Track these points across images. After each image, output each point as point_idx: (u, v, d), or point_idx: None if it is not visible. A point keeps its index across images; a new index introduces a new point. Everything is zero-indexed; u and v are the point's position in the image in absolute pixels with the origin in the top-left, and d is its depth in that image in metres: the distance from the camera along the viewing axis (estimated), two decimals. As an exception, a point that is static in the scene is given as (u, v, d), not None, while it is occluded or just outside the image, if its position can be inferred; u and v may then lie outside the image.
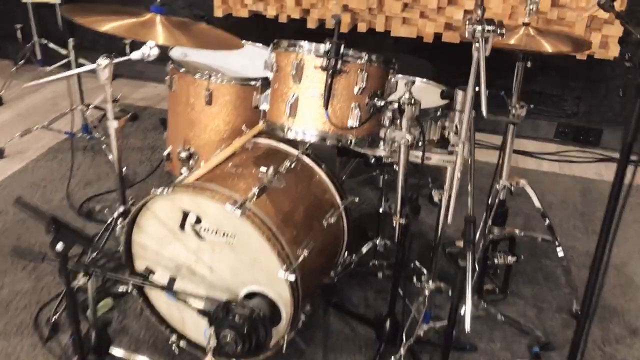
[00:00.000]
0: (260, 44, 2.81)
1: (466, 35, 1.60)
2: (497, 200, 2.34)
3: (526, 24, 2.13)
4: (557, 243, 2.45)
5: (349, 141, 1.85)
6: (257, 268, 1.89)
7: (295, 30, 3.97)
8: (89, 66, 2.16)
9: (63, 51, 3.80)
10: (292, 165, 2.11)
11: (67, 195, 3.04)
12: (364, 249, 2.51)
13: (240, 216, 1.79)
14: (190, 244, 1.97)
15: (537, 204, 2.39)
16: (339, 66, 1.77)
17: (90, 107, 3.44)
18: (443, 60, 3.22)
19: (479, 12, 1.59)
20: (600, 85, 3.81)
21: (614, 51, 3.41)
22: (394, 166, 1.97)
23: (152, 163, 3.41)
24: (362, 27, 3.75)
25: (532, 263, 2.73)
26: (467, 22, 1.60)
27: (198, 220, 1.93)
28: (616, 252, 2.36)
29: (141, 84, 4.52)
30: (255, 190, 1.90)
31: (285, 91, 1.86)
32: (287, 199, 2.01)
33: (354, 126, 1.83)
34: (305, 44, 1.82)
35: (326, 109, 1.78)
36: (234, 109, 2.44)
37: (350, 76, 1.81)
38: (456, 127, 1.84)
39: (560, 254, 2.45)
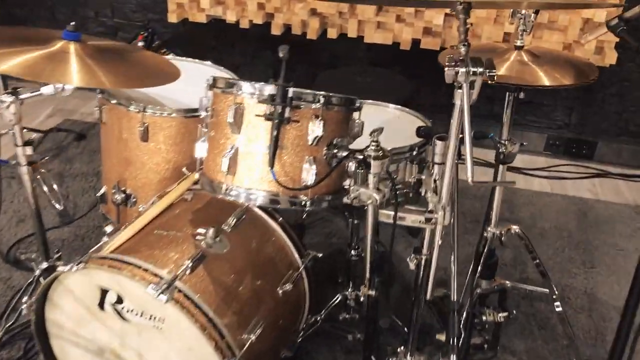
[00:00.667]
0: (210, 63, 2.43)
1: (446, 79, 1.24)
2: (485, 250, 2.00)
3: (519, 48, 1.76)
4: (554, 297, 2.11)
5: (303, 203, 1.49)
6: (193, 357, 1.53)
7: (258, 37, 3.59)
8: (-12, 104, 1.77)
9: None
10: (240, 221, 1.75)
11: (-7, 238, 2.65)
12: (333, 302, 2.16)
13: (166, 302, 1.43)
14: (113, 325, 1.61)
15: (531, 255, 2.05)
16: (286, 114, 1.40)
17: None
18: (422, 70, 2.87)
19: (462, 49, 1.23)
20: (594, 94, 3.47)
21: (610, 58, 3.08)
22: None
23: (97, 193, 3.01)
24: (332, 33, 3.37)
25: (525, 307, 2.40)
26: (447, 61, 1.24)
27: (119, 300, 1.56)
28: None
29: (93, 95, 4.11)
30: (188, 263, 1.54)
31: (223, 142, 1.49)
32: (231, 269, 1.65)
33: (309, 184, 1.47)
34: (245, 85, 1.45)
35: (272, 167, 1.41)
36: (175, 145, 2.07)
37: (303, 124, 1.44)
38: (435, 183, 1.48)
39: (559, 309, 2.12)
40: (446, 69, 1.22)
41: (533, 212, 3.09)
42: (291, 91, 1.41)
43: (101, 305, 1.59)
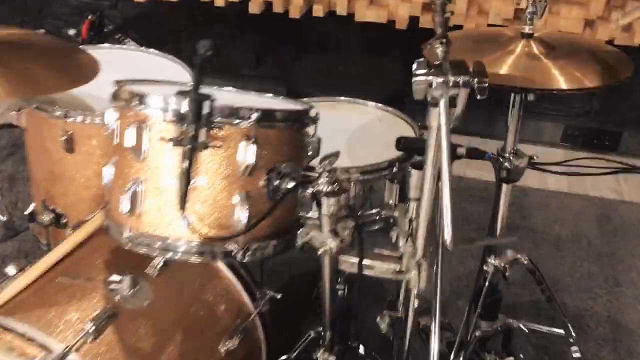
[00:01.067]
0: (154, 50, 2.03)
1: (414, 96, 0.84)
2: (486, 286, 1.61)
3: (527, 36, 1.35)
4: (571, 340, 1.73)
5: (232, 254, 1.11)
6: None
7: (236, 17, 3.18)
8: None
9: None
10: (169, 262, 1.38)
11: None
12: (303, 342, 1.80)
13: (51, 388, 1.07)
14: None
15: (545, 295, 1.66)
16: (202, 138, 1.01)
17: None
18: (421, 54, 2.46)
19: (439, 49, 0.83)
20: (619, 78, 3.03)
21: (640, 37, 2.64)
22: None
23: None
24: (318, 11, 2.96)
25: (535, 349, 2.01)
26: (417, 67, 0.84)
27: (6, 373, 1.21)
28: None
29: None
30: (89, 327, 1.17)
31: (126, 172, 1.12)
32: (152, 329, 1.28)
33: (240, 229, 1.09)
34: (152, 95, 1.06)
35: (183, 209, 1.03)
36: (108, 156, 1.69)
37: (229, 149, 1.06)
38: (410, 225, 1.09)
39: (577, 354, 1.73)
40: (414, 79, 0.82)
41: (547, 217, 2.69)
42: (209, 105, 1.01)
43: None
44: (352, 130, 1.67)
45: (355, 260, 1.17)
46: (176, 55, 2.02)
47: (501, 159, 1.44)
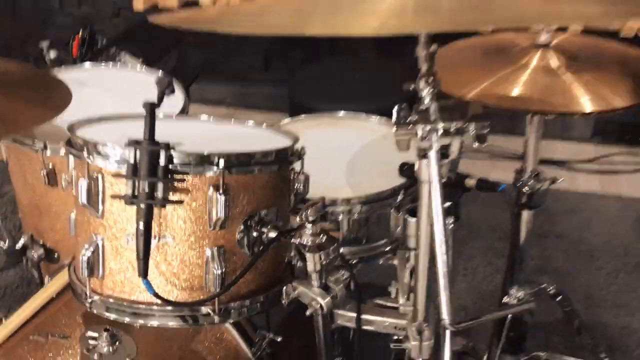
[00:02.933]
0: (146, 70, 1.90)
1: (397, 146, 0.69)
2: (508, 320, 1.45)
3: (543, 46, 1.17)
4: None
5: (208, 317, 0.97)
6: None
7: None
8: None
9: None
10: (154, 313, 1.26)
11: None
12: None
13: None
14: None
15: (576, 327, 1.49)
16: (159, 193, 0.87)
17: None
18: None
19: (424, 91, 0.67)
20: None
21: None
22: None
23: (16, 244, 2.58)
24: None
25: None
26: (396, 119, 0.69)
27: None
28: None
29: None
30: (60, 397, 1.06)
31: (85, 228, 0.99)
32: (132, 393, 1.16)
33: (215, 290, 0.95)
34: (106, 145, 0.92)
35: (144, 277, 0.90)
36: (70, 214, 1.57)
37: (196, 202, 0.92)
38: (411, 279, 0.94)
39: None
40: (395, 130, 0.67)
41: (579, 223, 2.49)
42: (166, 155, 0.87)
43: None
44: (353, 151, 1.52)
45: (353, 314, 1.03)
46: (182, 64, 1.90)
47: (521, 184, 1.26)
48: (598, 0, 0.60)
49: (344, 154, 1.51)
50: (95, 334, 1.17)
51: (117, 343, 1.18)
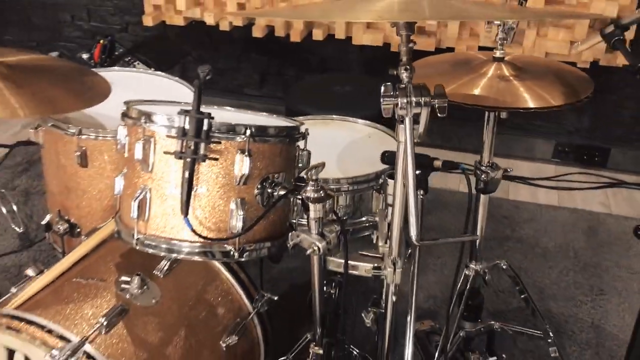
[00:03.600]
0: (163, 74, 2.19)
1: (383, 113, 0.98)
2: (466, 289, 1.74)
3: (498, 60, 1.49)
4: (549, 340, 1.84)
5: (229, 254, 1.25)
6: None
7: (241, 40, 3.35)
8: None
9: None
10: (175, 265, 1.52)
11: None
12: (299, 345, 1.92)
13: (68, 373, 1.21)
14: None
15: (523, 297, 1.78)
16: (201, 151, 1.15)
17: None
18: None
19: (404, 74, 0.97)
20: (607, 97, 3.16)
21: (623, 58, 2.77)
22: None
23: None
24: (318, 35, 3.11)
25: (519, 349, 2.12)
26: (384, 91, 0.98)
27: (28, 362, 1.34)
28: None
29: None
30: (102, 320, 1.31)
31: (135, 181, 1.26)
32: (159, 325, 1.41)
33: (236, 232, 1.22)
34: (156, 115, 1.20)
35: (186, 215, 1.17)
36: (118, 170, 1.83)
37: (226, 161, 1.20)
38: (389, 229, 1.23)
39: (554, 354, 1.84)
40: (382, 99, 0.96)
41: (537, 229, 2.80)
42: (209, 122, 1.16)
43: (9, 366, 1.38)
44: (343, 145, 1.81)
45: (341, 261, 1.30)
46: (183, 75, 2.18)
47: (478, 172, 1.56)
48: (502, 9, 0.91)
49: (335, 147, 1.81)
50: (128, 279, 1.43)
51: (145, 287, 1.44)
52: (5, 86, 1.46)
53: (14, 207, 2.70)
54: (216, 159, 1.18)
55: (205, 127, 1.15)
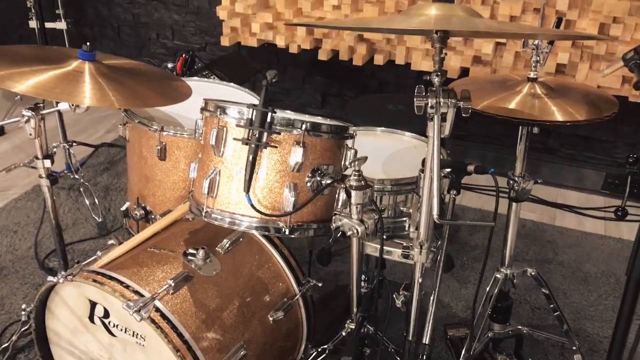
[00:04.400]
0: (234, 85, 2.46)
1: (415, 110, 1.18)
2: (495, 291, 1.87)
3: (532, 80, 1.66)
4: (574, 347, 1.94)
5: (281, 230, 1.46)
6: (173, 377, 1.53)
7: (307, 62, 3.62)
8: (10, 120, 1.88)
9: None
10: (235, 244, 1.74)
11: (35, 244, 2.78)
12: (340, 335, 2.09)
13: (140, 320, 1.43)
14: (102, 338, 1.63)
15: (549, 301, 1.90)
16: (264, 139, 1.38)
17: (73, 144, 3.19)
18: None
19: (435, 79, 1.16)
20: (659, 131, 3.23)
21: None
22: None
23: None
24: (378, 60, 3.34)
25: (550, 349, 2.22)
26: (417, 91, 1.18)
27: (106, 314, 1.59)
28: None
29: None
30: (170, 282, 1.54)
31: (207, 164, 1.50)
32: (217, 293, 1.63)
33: (288, 211, 1.44)
34: (231, 107, 1.44)
35: (247, 192, 1.40)
36: (193, 157, 2.09)
37: (284, 149, 1.42)
38: (419, 218, 1.41)
39: (579, 361, 1.94)
40: (415, 99, 1.16)
41: (579, 255, 2.88)
42: (272, 116, 1.38)
43: (91, 318, 1.62)
44: (389, 153, 2.00)
45: (377, 246, 1.49)
46: (253, 91, 2.44)
47: (511, 182, 1.72)
48: (520, 27, 1.09)
49: (382, 154, 2.00)
50: (194, 251, 1.66)
51: (208, 259, 1.67)
52: (105, 82, 1.74)
53: (96, 200, 3.02)
54: (275, 147, 1.40)
55: (268, 120, 1.38)
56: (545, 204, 3.23)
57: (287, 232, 1.45)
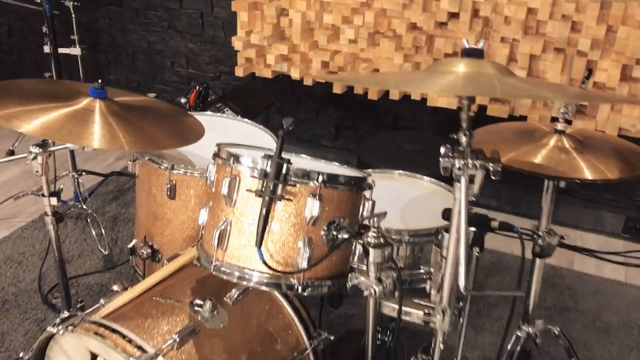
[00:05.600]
0: (248, 120, 2.40)
1: (442, 171, 1.10)
2: (517, 349, 1.78)
3: (560, 132, 1.58)
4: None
5: (293, 287, 1.38)
6: None
7: (321, 94, 3.57)
8: (18, 156, 1.82)
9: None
10: (244, 294, 1.66)
11: (39, 277, 2.71)
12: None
13: (142, 379, 1.36)
14: (102, 392, 1.55)
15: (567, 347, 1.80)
16: (279, 192, 1.31)
17: (81, 174, 3.14)
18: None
19: (463, 139, 1.09)
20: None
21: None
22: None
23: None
24: (394, 95, 3.28)
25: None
26: (443, 153, 1.11)
27: (107, 367, 1.51)
28: None
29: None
30: (175, 337, 1.46)
31: (218, 214, 1.42)
32: (224, 347, 1.55)
33: (302, 268, 1.36)
34: (243, 157, 1.38)
35: (259, 247, 1.32)
36: (201, 204, 2.01)
37: (299, 202, 1.35)
38: (442, 280, 1.32)
39: None
40: (442, 159, 1.09)
41: (600, 303, 2.77)
42: (287, 167, 1.31)
43: (91, 369, 1.55)
44: (407, 199, 1.93)
45: (395, 306, 1.40)
46: (266, 123, 2.38)
47: (535, 236, 1.63)
48: (554, 89, 1.02)
49: (400, 200, 1.92)
50: (201, 302, 1.59)
51: (215, 312, 1.59)
52: (115, 122, 1.68)
53: (103, 231, 2.95)
54: (290, 200, 1.33)
55: (284, 172, 1.31)
56: (563, 247, 3.13)
57: (299, 290, 1.37)
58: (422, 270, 1.75)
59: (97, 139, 1.59)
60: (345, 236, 1.38)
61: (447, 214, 1.59)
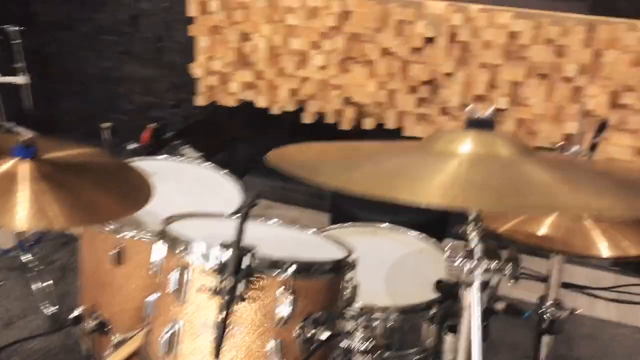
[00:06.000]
0: (209, 165, 2.11)
1: (448, 275, 0.86)
2: None
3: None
4: None
5: (264, 403, 1.12)
6: None
7: (289, 124, 3.32)
8: None
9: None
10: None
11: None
12: None
13: None
14: None
15: None
16: (239, 290, 1.05)
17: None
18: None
19: (474, 243, 0.85)
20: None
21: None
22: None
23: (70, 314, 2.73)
24: (369, 124, 3.06)
25: None
26: (450, 252, 0.87)
27: None
28: None
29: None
30: None
31: (166, 312, 1.16)
32: None
33: (272, 378, 1.10)
34: (195, 244, 1.11)
35: (217, 357, 1.06)
36: (152, 286, 1.75)
37: (266, 299, 1.09)
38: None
39: None
40: (447, 263, 0.85)
41: (596, 349, 2.57)
42: (249, 259, 1.06)
43: None
44: (391, 261, 1.69)
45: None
46: (232, 158, 2.10)
47: (542, 311, 1.41)
48: (607, 195, 0.79)
49: (383, 263, 1.68)
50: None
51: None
52: (45, 189, 1.40)
53: (50, 286, 2.64)
54: (254, 299, 1.07)
55: (245, 264, 1.05)
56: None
57: (270, 406, 1.11)
58: (411, 351, 1.50)
59: (21, 217, 1.31)
60: (324, 336, 1.13)
61: (441, 288, 1.35)
